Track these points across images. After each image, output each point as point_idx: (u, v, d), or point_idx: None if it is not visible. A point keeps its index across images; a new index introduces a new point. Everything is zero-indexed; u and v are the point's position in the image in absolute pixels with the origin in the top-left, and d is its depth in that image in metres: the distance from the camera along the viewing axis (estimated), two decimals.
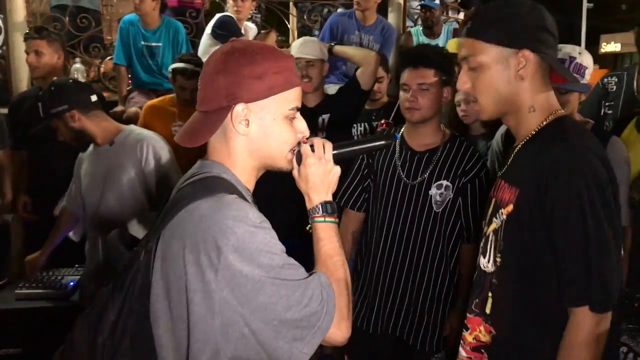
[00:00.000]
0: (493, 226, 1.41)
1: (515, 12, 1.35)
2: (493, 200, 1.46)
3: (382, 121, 3.04)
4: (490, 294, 1.41)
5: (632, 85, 2.81)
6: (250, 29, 4.47)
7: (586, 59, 2.10)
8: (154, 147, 2.41)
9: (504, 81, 1.36)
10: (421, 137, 2.13)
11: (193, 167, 1.22)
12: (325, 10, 5.03)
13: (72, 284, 2.66)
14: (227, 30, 4.10)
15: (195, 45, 4.37)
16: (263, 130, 1.17)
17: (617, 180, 2.00)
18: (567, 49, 2.11)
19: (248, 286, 1.02)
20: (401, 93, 2.09)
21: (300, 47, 2.84)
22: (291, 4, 5.55)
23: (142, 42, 4.13)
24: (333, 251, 1.20)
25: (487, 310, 1.42)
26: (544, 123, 1.37)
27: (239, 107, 1.14)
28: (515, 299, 1.36)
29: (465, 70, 1.40)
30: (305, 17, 5.07)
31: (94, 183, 2.46)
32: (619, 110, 2.83)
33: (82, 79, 4.02)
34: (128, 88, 4.34)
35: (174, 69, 3.25)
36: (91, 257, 2.50)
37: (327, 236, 1.21)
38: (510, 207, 1.35)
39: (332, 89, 3.37)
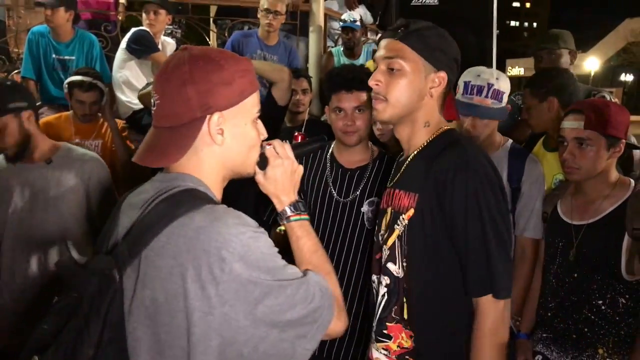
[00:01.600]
0: (396, 233, 1.47)
1: (443, 37, 1.47)
2: (389, 209, 1.53)
3: (296, 133, 3.03)
4: (405, 299, 1.47)
5: None
6: (168, 44, 4.37)
7: (504, 84, 2.20)
8: (97, 168, 2.31)
9: (417, 92, 1.45)
10: (352, 155, 2.15)
11: (153, 182, 1.14)
12: (246, 27, 5.02)
13: None
14: (142, 45, 4.00)
15: (110, 59, 4.21)
16: (236, 137, 1.13)
17: (535, 195, 2.14)
18: (485, 75, 2.19)
19: (255, 293, 0.99)
20: (333, 116, 2.09)
21: None
22: (211, 20, 5.51)
23: (54, 55, 3.94)
24: (315, 246, 1.21)
25: (405, 316, 1.47)
26: (434, 136, 1.49)
27: (215, 117, 1.08)
28: (426, 299, 1.44)
29: (383, 70, 1.45)
30: (225, 34, 5.02)
31: (23, 201, 2.25)
32: None
33: None
34: (37, 104, 4.10)
35: (70, 83, 3.13)
36: (10, 277, 2.26)
37: (305, 233, 1.22)
38: (411, 212, 1.43)
39: None
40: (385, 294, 1.51)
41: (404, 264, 1.46)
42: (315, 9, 4.87)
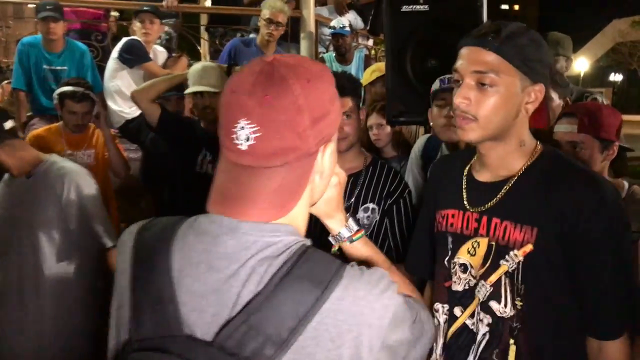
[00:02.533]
0: (503, 269, 1.31)
1: (538, 44, 1.29)
2: (486, 240, 1.35)
3: None
4: (512, 341, 1.32)
5: None
6: (159, 53, 4.38)
7: None
8: (77, 183, 2.22)
9: (511, 110, 1.28)
10: (344, 162, 2.13)
11: (234, 232, 0.85)
12: (238, 34, 5.02)
13: None
14: (134, 55, 4.01)
15: (101, 69, 4.20)
16: (329, 167, 0.92)
17: None
18: None
19: (397, 349, 0.87)
20: None
21: (200, 77, 2.84)
22: (202, 28, 5.50)
23: (45, 66, 3.92)
24: (386, 261, 1.10)
25: (511, 359, 1.33)
26: (534, 157, 1.34)
27: (329, 148, 0.89)
28: (545, 340, 1.31)
29: (471, 85, 1.26)
30: (217, 42, 5.02)
31: (5, 217, 2.24)
32: None
33: None
34: (28, 114, 4.08)
35: (60, 94, 3.10)
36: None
37: (373, 250, 1.11)
38: (528, 247, 1.28)
39: None
40: (487, 334, 1.35)
41: (517, 304, 1.30)
42: (305, 15, 4.88)
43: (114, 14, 5.17)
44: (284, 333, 0.79)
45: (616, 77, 35.25)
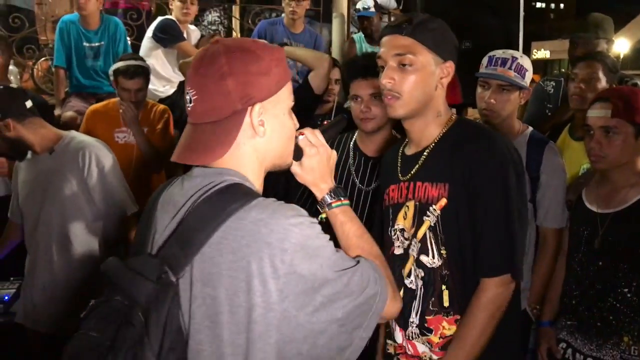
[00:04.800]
0: (427, 224, 1.50)
1: (445, 28, 1.51)
2: (412, 203, 1.54)
3: (325, 122, 3.05)
4: (444, 287, 1.50)
5: None
6: (192, 32, 4.42)
7: (527, 63, 2.20)
8: (97, 155, 2.32)
9: (429, 84, 1.48)
10: (374, 144, 2.16)
11: (191, 178, 1.10)
12: (274, 14, 5.02)
13: (6, 297, 2.54)
14: (168, 34, 4.06)
15: (136, 48, 4.27)
16: (276, 129, 1.10)
17: (554, 184, 2.12)
18: (509, 52, 2.21)
19: (315, 284, 0.98)
20: (352, 104, 2.11)
21: None
22: (234, 6, 5.52)
23: (85, 43, 3.99)
24: (360, 230, 1.20)
25: (446, 304, 1.50)
26: (448, 126, 1.54)
27: (257, 107, 1.06)
28: (470, 280, 1.47)
29: (393, 67, 1.46)
30: (250, 21, 5.04)
31: (33, 193, 2.35)
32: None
33: (15, 82, 3.85)
34: (66, 89, 4.18)
35: (115, 70, 3.11)
36: (32, 269, 2.38)
37: (348, 218, 1.20)
38: (443, 201, 1.47)
39: None
40: (422, 286, 1.53)
41: (442, 253, 1.49)
42: None
43: None
44: (192, 242, 0.99)
45: None
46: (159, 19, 4.18)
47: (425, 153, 1.54)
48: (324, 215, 1.23)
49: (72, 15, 4.05)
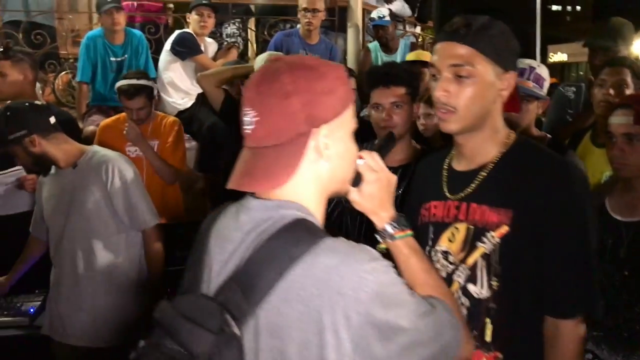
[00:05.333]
0: (480, 251, 1.38)
1: (507, 34, 1.38)
2: (464, 225, 1.42)
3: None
4: (488, 320, 1.38)
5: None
6: (209, 44, 4.48)
7: (545, 72, 2.20)
8: (119, 168, 2.35)
9: (488, 98, 1.36)
10: (394, 154, 2.14)
11: (248, 210, 1.02)
12: (288, 25, 5.06)
13: (32, 310, 2.57)
14: (186, 47, 4.12)
15: (154, 61, 4.33)
16: (341, 153, 1.02)
17: None
18: (527, 61, 2.20)
19: (391, 333, 0.90)
20: (373, 112, 2.11)
21: (269, 58, 2.91)
22: (251, 18, 5.57)
23: (112, 58, 4.08)
24: (427, 265, 1.13)
25: (488, 339, 1.39)
26: (508, 145, 1.42)
27: (323, 130, 0.99)
28: (520, 318, 1.37)
29: (449, 78, 1.34)
30: (265, 33, 5.08)
31: (57, 207, 2.39)
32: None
33: (38, 97, 3.92)
34: (87, 102, 4.26)
35: (118, 88, 3.16)
36: (57, 281, 2.42)
37: (414, 251, 1.13)
38: (503, 229, 1.35)
39: None
40: (466, 317, 1.39)
41: (492, 284, 1.37)
42: (353, 4, 4.88)
43: (170, 6, 5.31)
44: (255, 289, 0.92)
45: None
46: (177, 32, 4.24)
47: (483, 172, 1.41)
48: (383, 246, 1.15)
49: (97, 31, 4.15)
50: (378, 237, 1.17)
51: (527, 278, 1.35)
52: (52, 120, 2.30)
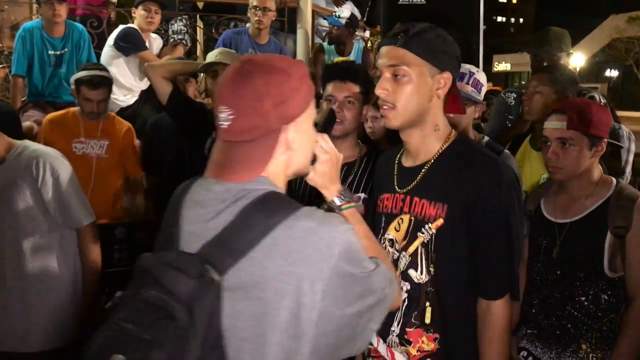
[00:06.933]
0: (420, 240, 1.53)
1: (443, 38, 1.50)
2: (407, 216, 1.56)
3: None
4: (427, 304, 1.53)
5: None
6: (154, 40, 4.37)
7: (482, 78, 2.25)
8: (52, 164, 2.22)
9: (424, 95, 1.48)
10: (339, 150, 2.15)
11: (221, 183, 1.12)
12: (232, 24, 4.99)
13: None
14: (130, 43, 4.01)
15: (96, 56, 4.19)
16: (305, 141, 1.18)
17: None
18: (467, 66, 2.25)
19: (351, 286, 1.08)
20: (325, 105, 2.12)
21: (220, 55, 2.97)
22: (197, 16, 5.48)
23: (50, 51, 3.90)
24: (368, 232, 1.29)
25: (427, 320, 1.53)
26: (448, 142, 1.54)
27: (292, 127, 1.13)
28: (454, 302, 1.53)
29: (388, 77, 1.48)
30: (212, 30, 5.01)
31: None
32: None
33: None
34: (23, 99, 4.06)
35: (77, 79, 3.04)
36: None
37: (356, 220, 1.27)
38: (439, 222, 1.50)
39: None
40: (406, 299, 1.56)
41: (430, 270, 1.52)
42: (303, 5, 4.87)
43: (113, 0, 5.15)
44: (239, 246, 1.05)
45: (612, 73, 35.30)
46: (121, 27, 4.11)
47: (424, 168, 1.55)
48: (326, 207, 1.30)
49: (35, 22, 3.95)
50: (325, 208, 1.29)
51: (460, 265, 1.51)
52: None
